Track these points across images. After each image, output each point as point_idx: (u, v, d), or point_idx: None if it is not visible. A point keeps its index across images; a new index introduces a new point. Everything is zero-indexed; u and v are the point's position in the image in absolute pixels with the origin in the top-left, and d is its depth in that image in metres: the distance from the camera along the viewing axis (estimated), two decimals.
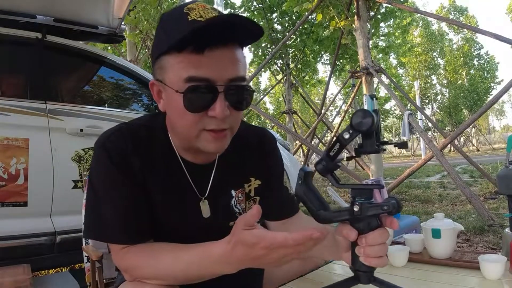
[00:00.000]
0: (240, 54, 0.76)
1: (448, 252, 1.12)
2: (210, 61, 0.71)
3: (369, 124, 0.63)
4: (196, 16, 0.72)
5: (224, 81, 0.73)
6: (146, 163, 0.82)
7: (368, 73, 6.02)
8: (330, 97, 15.47)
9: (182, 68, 0.73)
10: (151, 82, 0.81)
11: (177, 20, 0.74)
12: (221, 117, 0.73)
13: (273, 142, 1.02)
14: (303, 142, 8.13)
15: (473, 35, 26.88)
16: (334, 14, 6.91)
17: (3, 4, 2.50)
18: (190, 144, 0.81)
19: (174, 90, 0.73)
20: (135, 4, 6.60)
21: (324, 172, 0.71)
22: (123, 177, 0.80)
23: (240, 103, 0.77)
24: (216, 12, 0.75)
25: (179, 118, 0.76)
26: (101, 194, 0.81)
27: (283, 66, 12.67)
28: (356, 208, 0.69)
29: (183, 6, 0.75)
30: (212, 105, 0.73)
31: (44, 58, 2.53)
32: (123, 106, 3.03)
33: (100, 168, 0.82)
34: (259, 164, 0.96)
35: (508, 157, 1.41)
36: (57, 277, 2.63)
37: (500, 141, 33.56)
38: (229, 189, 0.92)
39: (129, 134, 0.83)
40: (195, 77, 0.72)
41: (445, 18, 17.80)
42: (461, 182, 4.21)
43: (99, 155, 0.81)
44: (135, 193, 0.81)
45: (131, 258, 0.78)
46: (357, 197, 0.69)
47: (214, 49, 0.71)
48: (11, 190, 2.22)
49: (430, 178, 8.76)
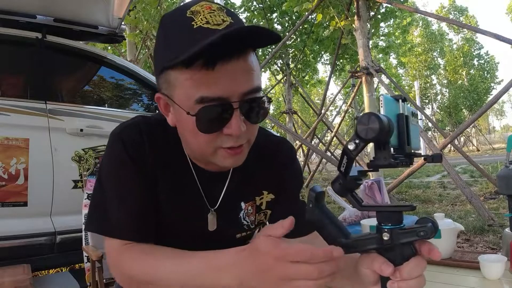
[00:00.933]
0: (254, 61, 0.69)
1: (448, 252, 1.12)
2: (223, 76, 0.64)
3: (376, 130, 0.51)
4: (202, 22, 0.65)
5: (238, 96, 0.66)
6: (159, 161, 0.78)
7: (368, 73, 6.02)
8: (330, 97, 15.53)
9: (192, 86, 0.65)
10: (157, 95, 0.74)
11: (181, 27, 0.67)
12: (238, 135, 0.68)
13: (291, 153, 0.94)
14: (303, 142, 8.13)
15: (473, 35, 26.91)
16: (334, 14, 6.91)
17: (3, 4, 2.50)
18: (205, 159, 0.76)
19: (185, 111, 0.67)
20: (135, 4, 6.60)
21: (343, 192, 0.60)
22: (136, 171, 0.76)
23: (257, 116, 0.71)
24: (223, 13, 0.68)
25: (192, 138, 0.71)
26: (110, 185, 0.77)
27: (283, 66, 12.67)
28: (386, 237, 0.57)
29: (186, 8, 0.68)
30: (228, 123, 0.67)
31: (44, 58, 2.53)
32: (123, 106, 3.03)
33: (113, 159, 0.78)
34: (274, 177, 0.89)
35: (508, 157, 1.41)
36: (57, 277, 2.63)
37: (500, 141, 33.57)
38: (239, 201, 0.87)
39: (146, 129, 0.79)
40: (207, 97, 0.65)
41: (445, 18, 17.82)
42: (461, 182, 4.21)
43: (114, 145, 0.77)
44: (145, 190, 0.77)
45: (130, 255, 0.74)
46: (384, 222, 0.57)
47: (227, 63, 0.64)
48: (11, 190, 2.22)
49: (430, 178, 8.76)
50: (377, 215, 0.58)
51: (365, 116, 0.52)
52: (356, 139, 0.54)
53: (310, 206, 0.61)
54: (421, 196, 5.70)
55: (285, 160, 0.91)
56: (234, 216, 0.86)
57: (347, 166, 0.57)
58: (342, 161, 0.57)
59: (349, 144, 0.55)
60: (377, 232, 0.58)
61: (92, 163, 2.53)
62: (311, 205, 0.61)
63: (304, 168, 9.91)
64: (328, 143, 9.94)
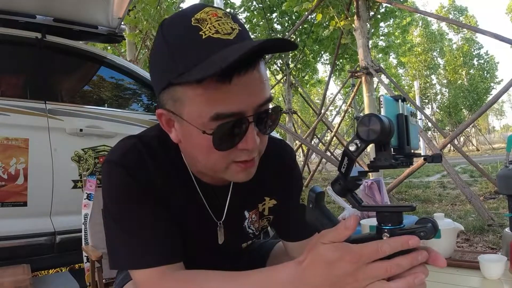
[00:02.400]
0: (264, 69, 0.65)
1: (448, 252, 1.12)
2: (238, 90, 0.60)
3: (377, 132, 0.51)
4: (211, 31, 0.60)
5: (254, 109, 0.63)
6: (164, 181, 0.74)
7: (368, 73, 6.02)
8: (330, 97, 15.51)
9: (206, 102, 0.60)
10: (160, 111, 0.68)
11: (187, 37, 0.61)
12: (254, 149, 0.65)
13: (292, 157, 0.91)
14: (303, 142, 8.13)
15: (473, 35, 26.91)
16: (334, 14, 6.91)
17: (3, 4, 2.50)
18: (214, 175, 0.72)
19: (197, 129, 0.63)
20: (135, 4, 6.59)
21: (343, 192, 0.59)
22: (149, 195, 0.72)
23: (268, 128, 0.68)
24: (230, 20, 0.63)
25: (204, 156, 0.67)
26: (123, 217, 0.71)
27: (283, 66, 12.67)
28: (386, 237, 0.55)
29: (190, 15, 0.62)
30: (243, 138, 0.64)
31: (44, 58, 2.53)
32: (123, 106, 3.03)
33: (119, 188, 0.72)
34: (276, 182, 0.87)
35: (508, 157, 1.41)
36: (57, 277, 2.63)
37: (500, 141, 33.58)
38: (242, 210, 0.85)
39: (145, 150, 0.74)
40: (223, 113, 0.60)
41: (445, 18, 17.84)
42: (461, 182, 4.21)
43: (117, 174, 0.72)
44: (160, 212, 0.73)
45: (170, 282, 0.67)
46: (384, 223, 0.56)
47: (243, 75, 0.59)
48: (11, 190, 2.22)
49: (430, 178, 8.76)
50: (377, 216, 0.57)
51: (366, 117, 0.52)
52: (357, 140, 0.54)
53: (310, 206, 0.60)
54: (421, 196, 5.70)
55: (286, 165, 0.90)
56: (239, 226, 0.85)
57: (347, 167, 0.57)
58: (342, 162, 0.57)
59: (350, 146, 0.55)
60: (377, 233, 0.57)
61: (92, 163, 2.53)
62: (311, 206, 0.60)
63: (304, 168, 9.91)
64: (328, 143, 9.94)
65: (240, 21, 0.66)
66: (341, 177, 0.58)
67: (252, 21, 12.24)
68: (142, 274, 0.69)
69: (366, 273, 0.50)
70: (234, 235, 0.84)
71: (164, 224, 0.72)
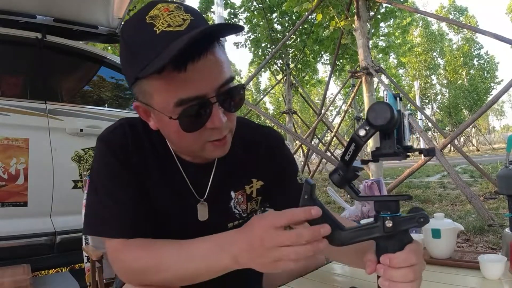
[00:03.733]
0: (221, 53, 0.70)
1: (448, 252, 1.12)
2: (196, 75, 0.66)
3: (387, 118, 0.53)
4: (164, 25, 0.65)
5: (215, 91, 0.69)
6: (145, 160, 0.81)
7: (368, 73, 6.03)
8: (330, 97, 15.50)
9: (168, 91, 0.67)
10: (135, 104, 0.75)
11: (144, 35, 0.66)
12: (221, 126, 0.71)
13: (279, 140, 0.97)
14: (303, 142, 8.13)
15: (473, 35, 26.90)
16: (334, 14, 6.91)
17: (3, 4, 2.50)
18: (193, 155, 0.81)
19: (166, 116, 0.69)
20: (135, 4, 6.60)
21: (342, 183, 0.61)
22: (125, 172, 0.79)
23: (234, 105, 0.74)
24: (181, 11, 0.68)
25: (178, 139, 0.74)
26: (102, 188, 0.79)
27: (283, 66, 12.68)
28: (390, 224, 0.58)
29: (144, 14, 0.67)
30: (210, 118, 0.70)
31: (44, 58, 2.53)
32: (123, 106, 3.03)
33: (101, 162, 0.81)
34: (263, 164, 0.91)
35: (508, 157, 1.41)
36: (57, 277, 2.63)
37: (500, 141, 33.59)
38: (228, 191, 0.89)
39: (130, 130, 0.82)
40: (185, 99, 0.67)
41: (445, 18, 17.85)
42: (461, 182, 4.21)
43: (101, 150, 0.81)
44: (136, 189, 0.79)
45: (131, 249, 0.75)
46: (383, 211, 0.59)
47: (196, 62, 0.65)
48: (11, 190, 2.22)
49: (430, 178, 8.76)
50: (376, 205, 0.60)
51: (376, 104, 0.55)
52: (366, 126, 0.56)
53: (306, 197, 0.63)
54: (421, 196, 5.70)
55: (273, 147, 0.94)
56: (225, 205, 0.89)
57: (353, 154, 0.59)
58: (348, 149, 0.59)
59: (359, 131, 0.57)
60: (376, 221, 0.60)
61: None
62: (306, 196, 0.63)
63: (304, 168, 9.91)
64: (328, 143, 9.95)
65: (194, 10, 0.71)
66: (341, 167, 0.61)
67: (252, 21, 12.25)
68: (108, 242, 0.78)
69: (272, 238, 0.58)
70: (219, 214, 0.88)
71: (135, 201, 0.78)
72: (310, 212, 0.58)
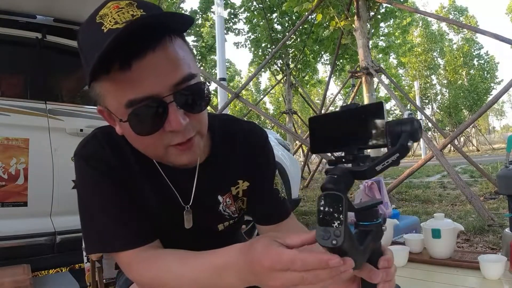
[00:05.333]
0: (178, 48, 0.64)
1: (448, 252, 1.12)
2: (143, 73, 0.60)
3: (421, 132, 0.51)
4: (111, 23, 0.60)
5: (170, 89, 0.62)
6: (128, 168, 0.76)
7: (368, 73, 6.02)
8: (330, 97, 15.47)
9: (117, 92, 0.62)
10: (98, 108, 0.70)
11: (92, 36, 0.62)
12: (181, 129, 0.64)
13: (261, 138, 0.89)
14: (303, 142, 8.13)
15: (473, 35, 26.89)
16: (334, 14, 6.91)
17: (3, 4, 2.50)
18: (160, 160, 0.75)
19: (118, 119, 0.65)
20: None
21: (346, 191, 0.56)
22: (109, 182, 0.74)
23: (197, 105, 0.67)
24: (133, 8, 0.63)
25: (137, 142, 0.69)
26: (91, 205, 0.75)
27: (283, 66, 12.67)
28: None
29: (94, 14, 0.63)
30: (166, 120, 0.63)
31: (44, 58, 2.53)
32: None
33: (84, 178, 0.76)
34: (247, 164, 0.86)
35: (508, 157, 1.41)
36: (57, 277, 2.63)
37: (500, 141, 33.57)
38: (215, 195, 0.84)
39: (104, 138, 0.77)
40: (135, 99, 0.61)
41: (445, 18, 17.81)
42: (461, 182, 4.20)
43: (80, 165, 0.75)
44: (125, 195, 0.75)
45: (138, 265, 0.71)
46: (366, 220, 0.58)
47: (142, 58, 0.60)
48: (11, 190, 2.22)
49: (430, 178, 8.77)
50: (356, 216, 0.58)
51: (413, 119, 0.50)
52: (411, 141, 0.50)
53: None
54: (421, 196, 5.69)
55: (256, 145, 0.88)
56: (213, 210, 0.85)
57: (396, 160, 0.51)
58: (389, 158, 0.51)
59: (408, 143, 0.50)
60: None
61: None
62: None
63: (304, 168, 9.91)
64: None
65: (150, 5, 0.65)
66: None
67: (252, 21, 12.25)
68: (116, 256, 0.73)
69: (283, 277, 0.50)
70: (208, 218, 0.84)
71: (127, 209, 0.74)
72: (327, 263, 0.47)
